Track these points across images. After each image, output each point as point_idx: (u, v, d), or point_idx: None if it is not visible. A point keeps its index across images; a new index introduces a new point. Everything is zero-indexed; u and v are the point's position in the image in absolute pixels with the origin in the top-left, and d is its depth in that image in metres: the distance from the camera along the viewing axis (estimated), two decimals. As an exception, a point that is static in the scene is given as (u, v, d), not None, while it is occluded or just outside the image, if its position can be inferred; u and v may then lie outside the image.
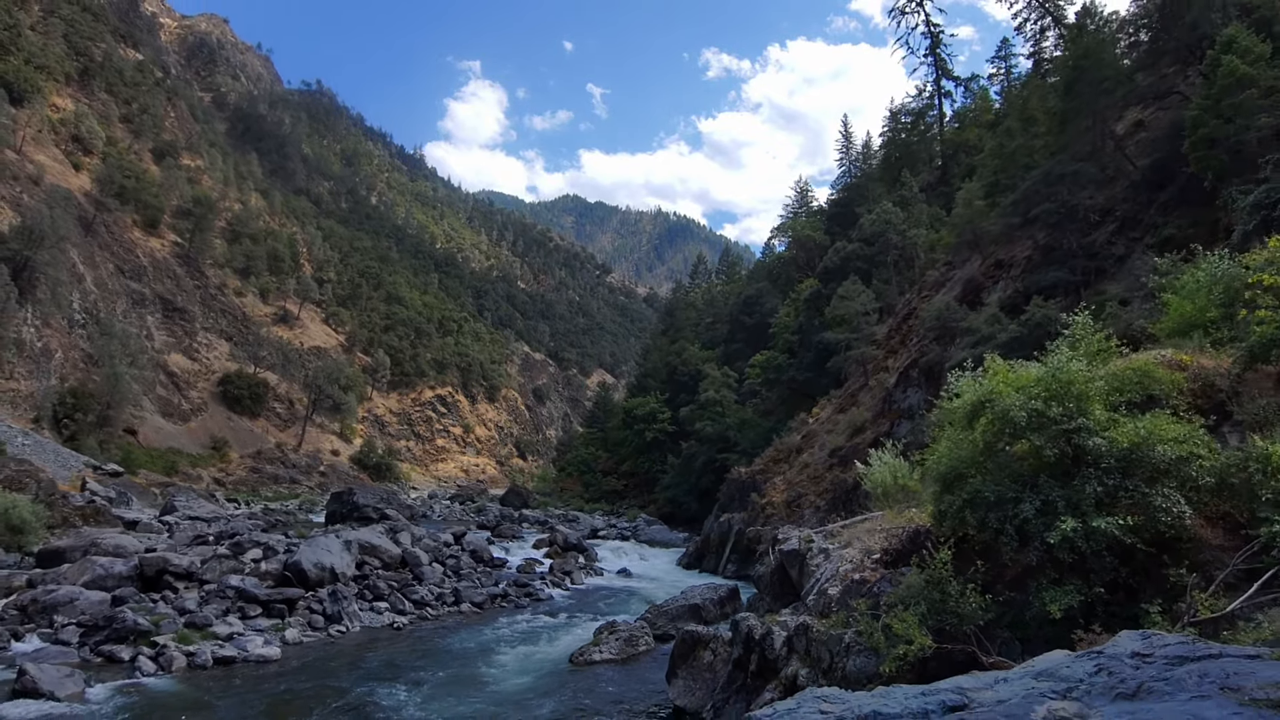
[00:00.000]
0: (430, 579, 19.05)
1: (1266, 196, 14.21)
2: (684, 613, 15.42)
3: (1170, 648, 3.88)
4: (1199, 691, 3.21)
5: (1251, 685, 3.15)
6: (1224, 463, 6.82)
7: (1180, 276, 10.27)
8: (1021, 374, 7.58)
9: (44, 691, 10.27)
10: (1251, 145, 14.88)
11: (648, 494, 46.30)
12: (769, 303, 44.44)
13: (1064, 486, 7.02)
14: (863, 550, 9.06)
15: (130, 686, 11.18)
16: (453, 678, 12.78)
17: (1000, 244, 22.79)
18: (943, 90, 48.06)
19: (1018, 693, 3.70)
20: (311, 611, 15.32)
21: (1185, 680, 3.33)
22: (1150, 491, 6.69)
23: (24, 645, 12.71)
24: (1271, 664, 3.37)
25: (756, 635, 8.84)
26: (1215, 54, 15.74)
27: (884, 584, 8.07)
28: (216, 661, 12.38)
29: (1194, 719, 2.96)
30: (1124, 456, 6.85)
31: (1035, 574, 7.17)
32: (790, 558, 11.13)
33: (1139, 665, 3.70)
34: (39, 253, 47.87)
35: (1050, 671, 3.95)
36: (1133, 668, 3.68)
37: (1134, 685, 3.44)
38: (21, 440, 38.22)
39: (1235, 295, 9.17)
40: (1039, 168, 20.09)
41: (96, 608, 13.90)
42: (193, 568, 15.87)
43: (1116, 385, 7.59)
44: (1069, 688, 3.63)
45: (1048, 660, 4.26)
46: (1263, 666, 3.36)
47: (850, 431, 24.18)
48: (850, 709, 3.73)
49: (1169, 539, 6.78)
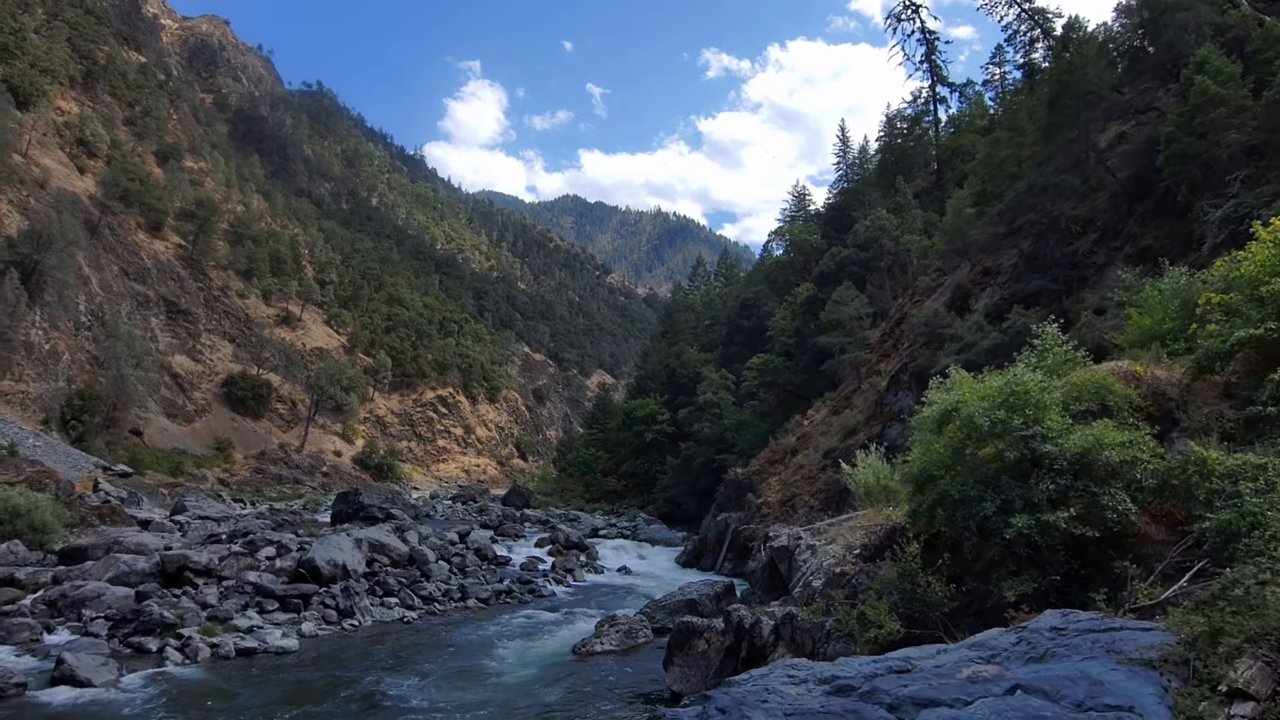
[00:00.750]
0: (437, 576, 19.78)
1: (1234, 210, 14.96)
2: (681, 607, 16.10)
3: (1082, 623, 4.62)
4: (1089, 654, 3.95)
5: (1130, 648, 3.90)
6: (1166, 466, 7.55)
7: (1141, 291, 10.99)
8: (985, 384, 8.31)
9: (82, 679, 10.99)
10: (1222, 161, 15.62)
11: (647, 494, 47.06)
12: (766, 306, 45.21)
13: (1022, 487, 7.75)
14: (845, 546, 9.79)
15: (160, 675, 11.90)
16: (462, 668, 13.50)
17: (988, 252, 23.53)
18: (938, 96, 48.83)
19: (953, 660, 4.44)
20: (325, 606, 16.03)
21: (1081, 646, 4.07)
22: (1099, 491, 7.42)
23: (56, 637, 13.44)
24: (1152, 633, 4.11)
25: (747, 624, 9.57)
26: (1189, 73, 16.48)
27: (862, 576, 8.80)
28: (239, 652, 13.10)
29: (1081, 674, 3.70)
30: (1075, 460, 7.58)
31: (997, 566, 7.90)
32: (780, 554, 11.86)
33: (1054, 637, 4.45)
34: (47, 256, 48.57)
35: (982, 643, 4.70)
36: (1049, 639, 4.43)
37: (1042, 651, 4.18)
38: (33, 441, 38.95)
39: (1190, 309, 9.91)
40: (1025, 178, 20.83)
41: (122, 602, 14.62)
42: (211, 564, 16.60)
43: (1074, 395, 8.33)
44: (993, 654, 4.37)
45: (984, 635, 5.01)
46: (1144, 635, 4.10)
47: (843, 433, 24.91)
48: (813, 674, 4.46)
49: (1116, 534, 7.51)
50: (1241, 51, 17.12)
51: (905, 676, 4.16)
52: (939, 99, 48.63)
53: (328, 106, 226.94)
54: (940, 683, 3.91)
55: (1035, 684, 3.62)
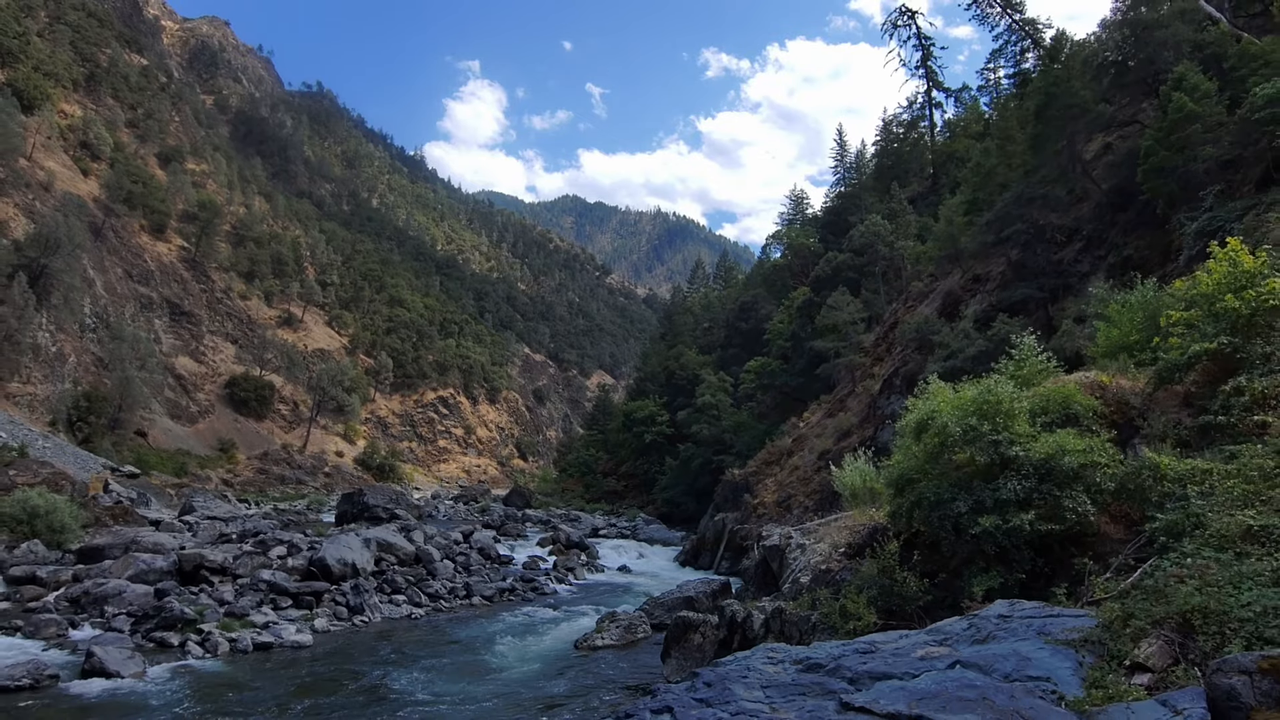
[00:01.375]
0: (443, 574, 20.41)
1: (1209, 224, 15.59)
2: (679, 604, 16.71)
3: (1025, 610, 5.27)
4: (1023, 636, 4.60)
5: (1057, 631, 4.55)
6: (1124, 470, 8.18)
7: (1110, 304, 11.63)
8: (960, 395, 8.94)
9: (111, 671, 11.61)
10: (1198, 175, 16.26)
11: (646, 494, 47.72)
12: (764, 309, 45.86)
13: (991, 489, 8.38)
14: (831, 545, 10.42)
15: (184, 668, 12.53)
16: (468, 663, 14.12)
17: (978, 259, 24.17)
18: (933, 101, 49.44)
19: (911, 643, 5.08)
20: (336, 603, 16.66)
21: (1019, 629, 4.71)
22: (1060, 494, 8.06)
23: (81, 633, 14.07)
24: (1081, 619, 4.75)
25: (739, 618, 10.21)
26: (1167, 90, 17.11)
27: (845, 573, 9.44)
28: (256, 647, 13.72)
29: (1013, 652, 4.35)
30: (1040, 465, 8.22)
31: (969, 563, 8.53)
32: (771, 552, 12.49)
33: (999, 623, 5.09)
34: (54, 260, 49.18)
35: (940, 629, 5.35)
36: (994, 624, 5.07)
37: (986, 634, 4.83)
38: (42, 443, 39.56)
39: (1155, 323, 10.54)
40: (1013, 187, 21.47)
41: (142, 599, 15.25)
42: (226, 563, 17.23)
43: (1042, 405, 8.97)
44: (945, 638, 5.02)
45: (942, 623, 5.66)
46: (1073, 620, 4.75)
47: (838, 435, 25.55)
48: (789, 655, 5.11)
49: (1077, 533, 8.15)
50: (1219, 68, 17.76)
51: (867, 656, 4.81)
52: (935, 104, 49.28)
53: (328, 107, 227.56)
54: (895, 660, 4.55)
55: (973, 660, 4.26)
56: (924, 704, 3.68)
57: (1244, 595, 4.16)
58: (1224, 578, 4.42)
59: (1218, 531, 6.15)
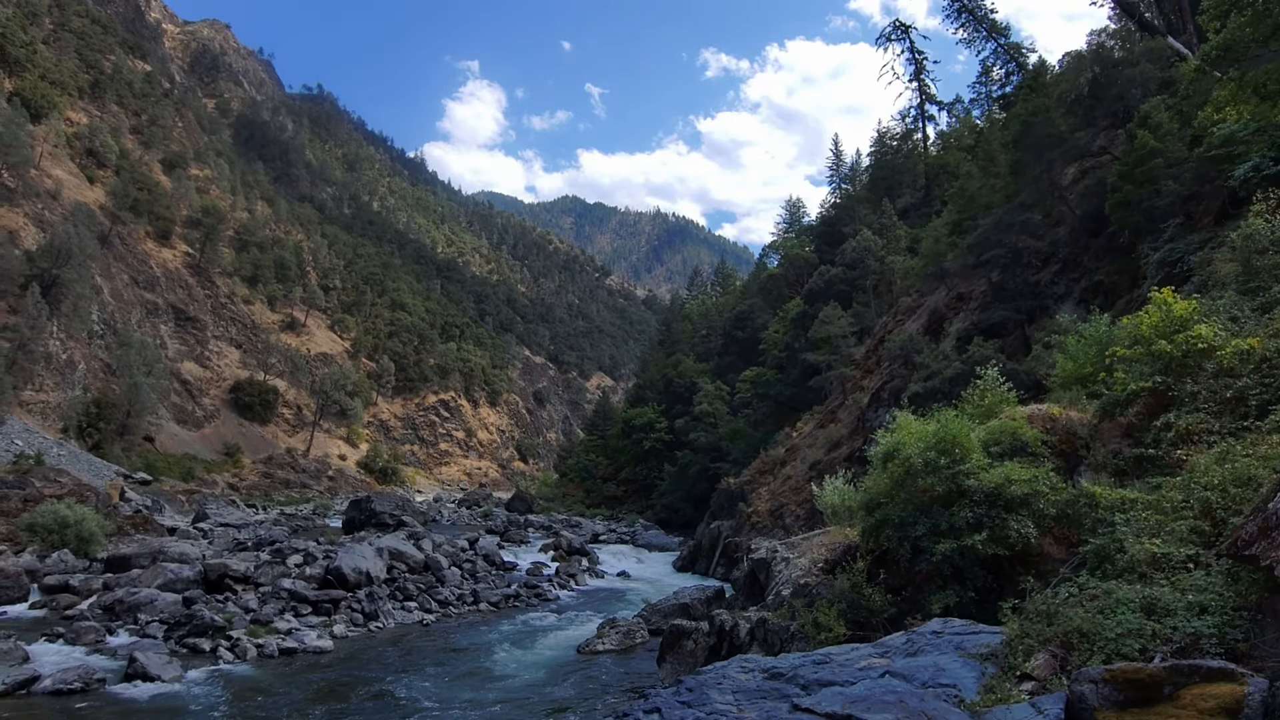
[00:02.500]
0: (451, 581, 21.47)
1: (1170, 255, 16.68)
2: (675, 610, 17.80)
3: (955, 627, 6.34)
4: (944, 650, 5.67)
5: (971, 646, 5.62)
6: (1063, 498, 9.25)
7: (1068, 337, 12.70)
8: (921, 429, 10.01)
9: (153, 675, 12.67)
10: (1161, 208, 17.33)
11: (646, 499, 48.83)
12: (760, 319, 46.98)
13: (948, 514, 9.44)
14: (811, 560, 11.48)
15: (217, 672, 13.59)
16: (477, 667, 15.18)
17: (962, 277, 25.24)
18: (926, 114, 50.53)
19: (859, 655, 6.15)
20: (353, 610, 17.72)
21: (941, 645, 5.79)
22: (1007, 518, 9.12)
23: (117, 639, 15.11)
24: (994, 635, 5.81)
25: (727, 626, 11.27)
26: (1133, 127, 18.19)
27: (821, 587, 10.51)
28: (281, 652, 14.78)
29: (933, 664, 5.42)
30: (990, 493, 9.28)
31: (929, 580, 9.60)
32: (759, 564, 13.56)
33: (931, 639, 6.16)
34: (66, 270, 50.20)
35: (884, 643, 6.42)
36: (927, 640, 6.14)
37: (917, 648, 5.90)
38: (57, 451, 40.56)
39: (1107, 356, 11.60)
40: (994, 213, 22.54)
41: (172, 607, 16.30)
42: (249, 572, 18.29)
43: (994, 438, 10.04)
44: (886, 651, 6.09)
45: (887, 638, 6.73)
46: (987, 637, 5.82)
47: (828, 446, 26.61)
48: (759, 665, 6.18)
49: (1023, 553, 9.21)
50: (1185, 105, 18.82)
51: (820, 666, 5.87)
52: (927, 117, 50.39)
53: (328, 110, 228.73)
54: (842, 670, 5.62)
55: (900, 670, 5.32)
56: (854, 705, 4.74)
57: (1112, 619, 5.20)
58: (1102, 604, 5.45)
59: (1130, 557, 7.21)
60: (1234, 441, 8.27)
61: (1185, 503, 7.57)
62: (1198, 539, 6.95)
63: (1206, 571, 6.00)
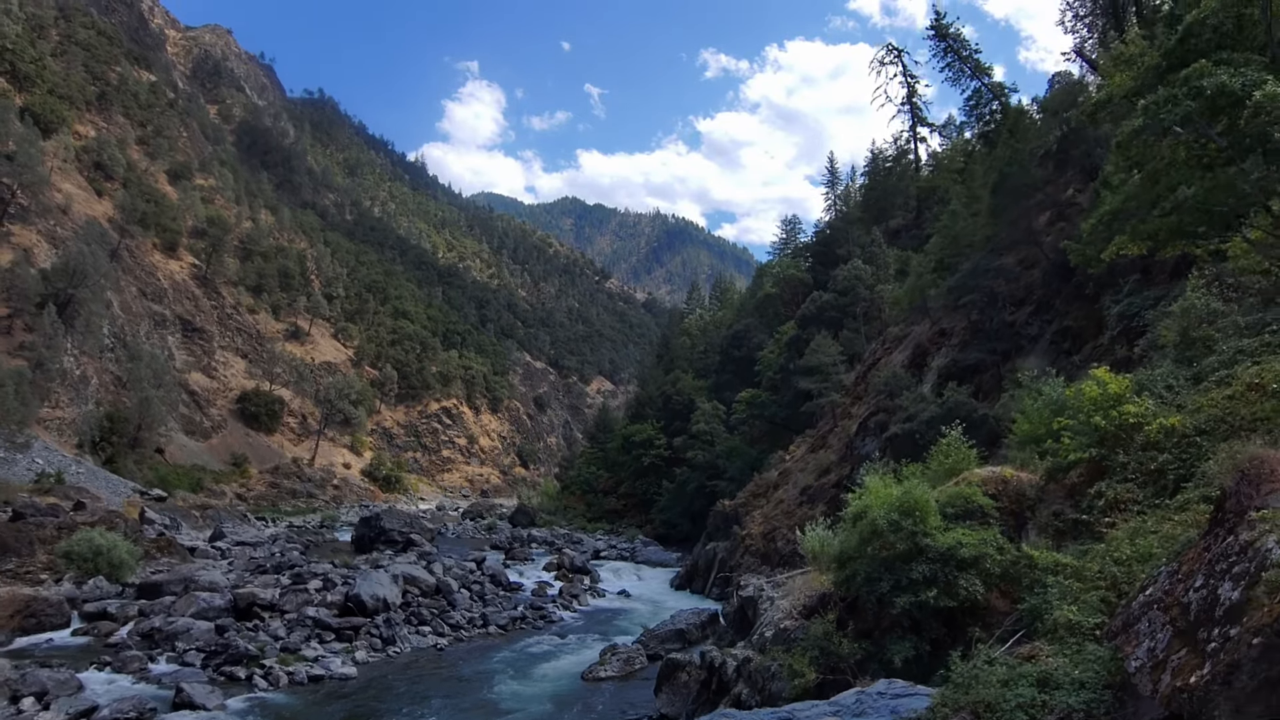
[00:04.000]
0: (461, 605, 22.82)
1: (1127, 309, 18.09)
2: (672, 636, 19.16)
3: (896, 689, 7.70)
4: (883, 713, 7.03)
5: (904, 709, 6.98)
6: (1007, 559, 10.59)
7: (1025, 397, 14.04)
8: (887, 492, 11.35)
9: (198, 704, 14.00)
10: (1121, 264, 18.68)
11: (645, 514, 50.25)
12: (756, 338, 48.41)
13: (907, 570, 10.79)
14: (791, 603, 12.83)
15: (254, 700, 14.91)
16: (490, 691, 16.50)
17: (945, 312, 26.62)
18: (918, 137, 51.90)
19: (818, 712, 7.50)
20: (372, 635, 19.07)
21: (880, 707, 7.15)
22: (958, 576, 10.47)
23: (159, 667, 16.42)
24: (925, 699, 7.16)
25: (716, 664, 12.62)
26: (1096, 186, 19.54)
27: (799, 631, 11.85)
28: (310, 679, 16.11)
29: (872, 726, 6.77)
30: (944, 552, 10.62)
31: (891, 629, 10.95)
32: (747, 602, 14.92)
33: (875, 699, 7.52)
34: (80, 289, 51.54)
35: (838, 701, 7.78)
36: (872, 700, 7.49)
37: (863, 708, 7.26)
38: (75, 469, 41.92)
39: (1055, 424, 12.94)
40: (972, 258, 23.91)
41: (207, 635, 17.64)
42: (274, 600, 19.63)
43: (951, 501, 11.39)
44: (838, 710, 7.45)
45: (840, 695, 8.07)
46: (919, 700, 7.17)
47: (818, 472, 27.97)
48: (734, 718, 7.54)
49: (972, 608, 10.56)
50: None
51: None
52: (920, 139, 51.75)
53: (329, 115, 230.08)
54: (800, 728, 6.97)
55: (845, 731, 6.68)
56: (804, 762, 6.10)
57: (1012, 692, 6.51)
58: (1006, 675, 6.77)
59: (1051, 621, 8.55)
60: (1147, 516, 9.57)
61: (1100, 573, 8.89)
62: (1105, 609, 8.28)
63: (1099, 644, 7.34)
